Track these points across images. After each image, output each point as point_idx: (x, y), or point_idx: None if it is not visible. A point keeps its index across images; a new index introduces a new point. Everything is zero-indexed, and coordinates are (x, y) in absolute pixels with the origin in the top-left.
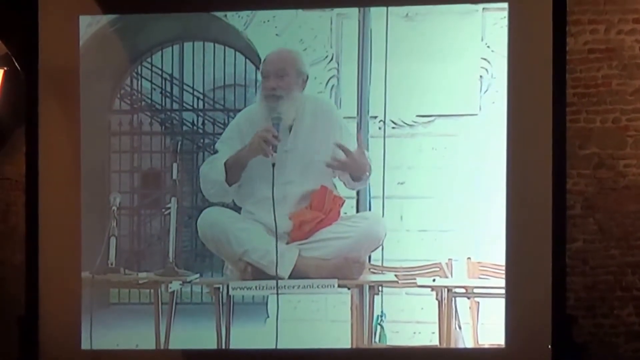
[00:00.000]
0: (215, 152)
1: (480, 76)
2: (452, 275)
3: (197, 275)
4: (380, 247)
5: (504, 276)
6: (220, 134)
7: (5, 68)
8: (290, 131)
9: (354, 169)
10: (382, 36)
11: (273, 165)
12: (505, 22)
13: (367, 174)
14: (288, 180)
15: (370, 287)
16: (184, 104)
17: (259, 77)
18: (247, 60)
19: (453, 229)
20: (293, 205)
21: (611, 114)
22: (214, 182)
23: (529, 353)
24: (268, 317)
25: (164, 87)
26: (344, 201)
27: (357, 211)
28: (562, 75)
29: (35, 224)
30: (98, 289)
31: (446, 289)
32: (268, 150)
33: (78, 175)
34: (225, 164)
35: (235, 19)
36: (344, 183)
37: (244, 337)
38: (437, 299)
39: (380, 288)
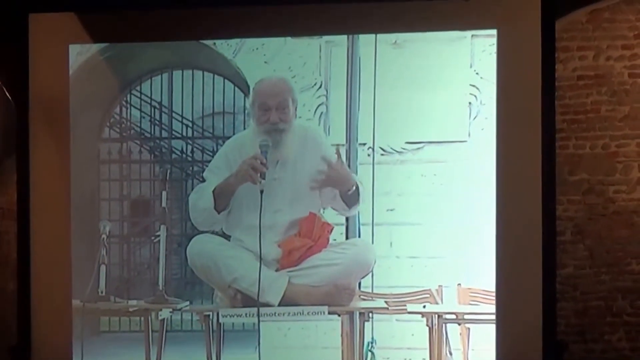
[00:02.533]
0: (204, 180)
1: (469, 103)
2: (442, 302)
3: (187, 302)
4: (370, 274)
5: (494, 302)
6: (209, 161)
7: None
8: (277, 163)
9: (338, 181)
10: (371, 63)
11: (261, 192)
12: (494, 48)
13: (354, 188)
14: (277, 208)
15: (360, 313)
16: (173, 132)
17: (248, 104)
18: (236, 87)
19: (443, 256)
20: (282, 233)
21: (600, 140)
22: (203, 210)
23: None
24: (259, 344)
25: (153, 115)
26: (333, 227)
27: (347, 238)
28: (551, 102)
29: (27, 252)
30: (88, 317)
31: (436, 315)
32: (256, 177)
33: (68, 204)
34: (213, 191)
35: (224, 47)
36: (336, 210)
37: None
38: (427, 325)
39: (370, 314)
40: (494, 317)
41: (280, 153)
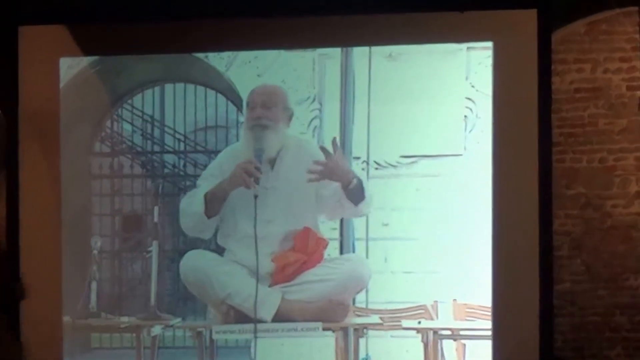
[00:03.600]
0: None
1: (465, 116)
2: (437, 317)
3: (180, 319)
4: (365, 289)
5: (490, 318)
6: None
7: None
8: (272, 168)
9: (337, 171)
10: (365, 76)
11: (255, 197)
12: (490, 61)
13: (355, 181)
14: (269, 218)
15: (355, 329)
16: (165, 146)
17: (241, 118)
18: (229, 101)
19: (438, 271)
20: (275, 245)
21: (598, 153)
22: (193, 215)
23: None
24: None
25: (145, 129)
26: (328, 243)
27: (341, 253)
28: (548, 115)
29: (17, 268)
30: (79, 334)
31: (432, 331)
32: (249, 181)
33: (59, 219)
34: (205, 196)
35: (217, 60)
36: (344, 214)
37: None
38: (422, 341)
39: (365, 330)
40: (490, 333)
41: (263, 151)
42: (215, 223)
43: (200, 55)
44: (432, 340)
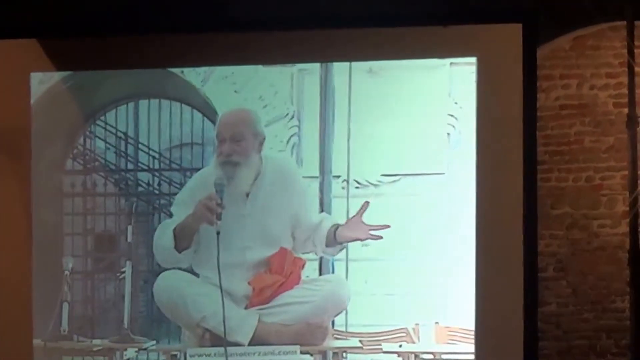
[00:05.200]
0: (171, 215)
1: (448, 133)
2: (419, 341)
3: (154, 342)
4: (344, 312)
5: (473, 341)
6: (177, 194)
7: None
8: (247, 195)
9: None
10: (345, 92)
11: (218, 233)
12: (474, 77)
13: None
14: (246, 245)
15: (334, 353)
16: (139, 164)
17: None
18: (205, 118)
19: (420, 293)
20: (252, 270)
21: (584, 172)
22: (164, 249)
23: None
24: None
25: (118, 146)
26: (305, 262)
27: (320, 274)
28: (533, 132)
29: None
30: (50, 357)
31: (413, 355)
32: (211, 218)
33: (29, 239)
34: (173, 231)
35: (193, 75)
36: (314, 247)
37: None
38: None
39: (344, 354)
40: (473, 357)
41: (237, 188)
42: (189, 255)
43: (176, 70)
44: None
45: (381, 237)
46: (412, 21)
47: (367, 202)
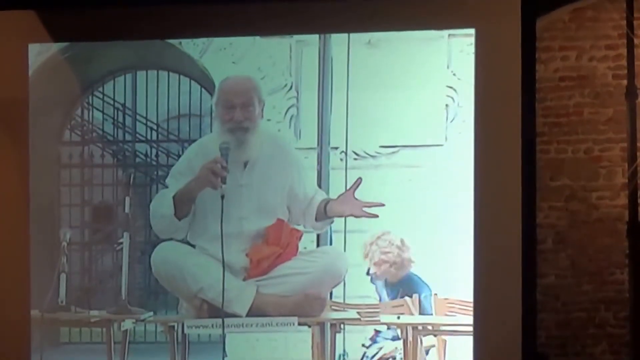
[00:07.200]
0: (166, 187)
1: (446, 105)
2: (417, 313)
3: (151, 313)
4: (342, 283)
5: (472, 313)
6: (174, 165)
7: None
8: (245, 165)
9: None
10: (344, 64)
11: (222, 197)
12: (472, 48)
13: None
14: (243, 216)
15: (331, 324)
16: (137, 135)
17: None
18: (203, 89)
19: (418, 265)
20: (249, 242)
21: (583, 144)
22: (163, 217)
23: None
24: (226, 356)
25: (116, 117)
26: (302, 234)
27: (318, 245)
28: (532, 104)
29: None
30: (48, 328)
31: (411, 327)
32: (216, 181)
33: (27, 210)
34: (173, 197)
35: (191, 46)
36: (304, 219)
37: None
38: (401, 336)
39: (342, 326)
40: (471, 328)
41: (245, 153)
42: (187, 223)
43: (174, 41)
44: (411, 336)
45: (377, 216)
46: None
47: (360, 179)
